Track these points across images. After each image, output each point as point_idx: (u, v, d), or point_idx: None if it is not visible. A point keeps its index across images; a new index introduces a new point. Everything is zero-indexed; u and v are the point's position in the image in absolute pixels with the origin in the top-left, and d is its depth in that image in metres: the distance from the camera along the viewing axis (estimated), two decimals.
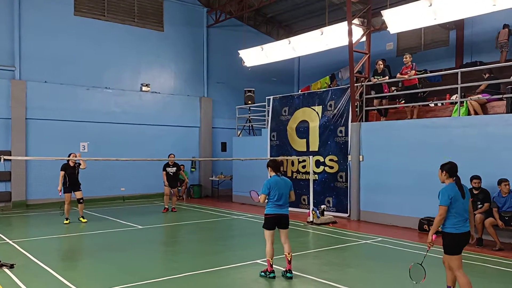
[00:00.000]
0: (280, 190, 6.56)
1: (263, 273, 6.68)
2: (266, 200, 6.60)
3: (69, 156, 11.52)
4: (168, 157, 13.69)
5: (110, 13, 17.01)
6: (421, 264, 5.17)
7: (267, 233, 6.61)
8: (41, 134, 15.16)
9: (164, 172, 13.85)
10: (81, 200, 11.83)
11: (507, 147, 9.16)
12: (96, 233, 10.42)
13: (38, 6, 15.38)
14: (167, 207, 14.00)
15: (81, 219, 11.80)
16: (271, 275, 6.55)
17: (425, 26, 13.00)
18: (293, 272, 6.63)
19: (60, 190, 11.50)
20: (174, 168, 13.92)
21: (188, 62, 19.04)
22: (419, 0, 11.29)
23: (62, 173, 11.57)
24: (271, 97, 15.56)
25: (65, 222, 11.56)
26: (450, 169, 5.16)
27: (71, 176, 11.63)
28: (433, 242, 5.08)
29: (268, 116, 15.56)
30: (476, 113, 10.40)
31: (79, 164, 11.76)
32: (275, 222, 6.61)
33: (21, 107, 14.85)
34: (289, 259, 6.57)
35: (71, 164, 11.63)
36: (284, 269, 6.66)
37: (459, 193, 5.04)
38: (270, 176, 6.74)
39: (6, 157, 7.87)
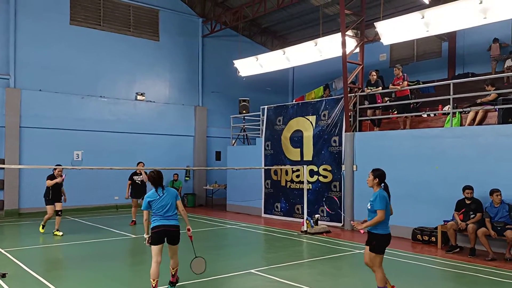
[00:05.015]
0: (163, 202, 5.93)
1: None
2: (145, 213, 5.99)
3: (54, 170, 11.03)
4: (137, 166, 12.56)
5: (105, 23, 17.07)
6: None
7: (155, 249, 5.87)
8: (35, 143, 15.09)
9: (129, 182, 12.61)
10: (59, 212, 11.30)
11: (499, 157, 9.26)
12: (89, 242, 10.34)
13: (34, 15, 15.42)
14: (134, 220, 12.73)
15: (57, 232, 11.07)
16: None
17: (418, 38, 13.17)
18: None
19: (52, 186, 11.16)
20: (141, 176, 12.59)
21: (183, 71, 19.12)
22: (412, 13, 11.51)
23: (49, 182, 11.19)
24: (266, 106, 15.64)
25: (42, 230, 11.35)
26: (381, 175, 6.01)
27: (55, 190, 11.16)
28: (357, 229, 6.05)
29: (263, 125, 15.62)
30: (472, 123, 10.43)
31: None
32: (163, 235, 5.93)
33: (15, 115, 14.81)
34: (173, 273, 6.25)
35: (59, 181, 11.11)
36: (169, 282, 6.28)
37: (388, 198, 5.81)
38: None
39: None
